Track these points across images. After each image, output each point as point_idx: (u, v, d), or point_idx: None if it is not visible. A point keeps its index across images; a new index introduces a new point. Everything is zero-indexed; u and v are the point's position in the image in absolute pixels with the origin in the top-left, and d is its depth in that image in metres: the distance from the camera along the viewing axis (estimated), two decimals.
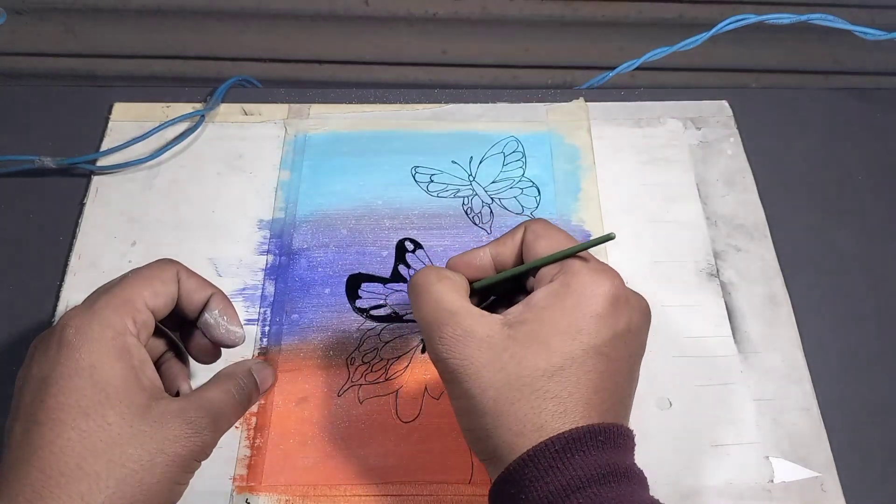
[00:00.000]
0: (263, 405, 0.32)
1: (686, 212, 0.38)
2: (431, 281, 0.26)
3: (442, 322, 0.25)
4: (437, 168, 0.40)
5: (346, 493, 0.30)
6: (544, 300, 0.25)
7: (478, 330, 0.24)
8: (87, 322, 0.26)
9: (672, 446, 0.32)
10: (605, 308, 0.24)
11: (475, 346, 0.24)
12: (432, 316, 0.25)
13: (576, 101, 0.42)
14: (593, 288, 0.24)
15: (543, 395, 0.23)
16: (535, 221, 0.28)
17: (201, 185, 0.39)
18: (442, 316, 0.25)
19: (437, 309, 0.25)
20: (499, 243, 0.28)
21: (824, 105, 0.43)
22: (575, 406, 0.23)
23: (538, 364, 0.23)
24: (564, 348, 0.24)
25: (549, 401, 0.23)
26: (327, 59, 0.56)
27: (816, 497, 0.31)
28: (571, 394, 0.23)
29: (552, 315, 0.24)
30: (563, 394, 0.23)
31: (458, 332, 0.24)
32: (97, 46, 0.54)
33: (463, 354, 0.24)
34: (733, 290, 0.36)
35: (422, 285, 0.26)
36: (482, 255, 0.28)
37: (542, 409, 0.23)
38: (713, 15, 0.51)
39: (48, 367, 0.25)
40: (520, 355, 0.24)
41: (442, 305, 0.25)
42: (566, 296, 0.24)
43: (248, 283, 0.36)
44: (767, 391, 0.33)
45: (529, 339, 0.24)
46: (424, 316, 0.26)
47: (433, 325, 0.25)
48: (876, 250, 0.38)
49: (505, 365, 0.24)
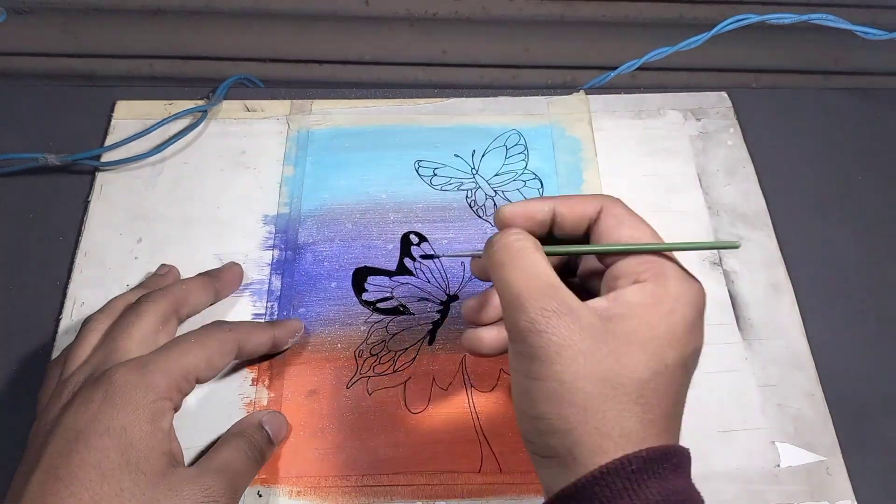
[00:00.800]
0: (273, 398, 0.32)
1: (688, 202, 0.39)
2: (529, 247, 0.24)
3: (544, 292, 0.23)
4: (440, 162, 0.40)
5: (357, 484, 0.30)
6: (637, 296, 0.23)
7: (582, 313, 0.22)
8: (135, 385, 0.26)
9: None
10: (696, 319, 0.23)
11: (577, 328, 0.22)
12: (531, 284, 0.23)
13: (576, 94, 0.43)
14: (690, 296, 0.23)
15: (636, 400, 0.22)
16: (614, 203, 0.25)
17: (205, 181, 0.39)
18: (543, 286, 0.23)
19: (537, 277, 0.23)
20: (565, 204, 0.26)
21: (824, 105, 0.44)
22: (660, 416, 0.22)
23: (636, 366, 0.22)
24: (661, 353, 0.22)
25: (641, 406, 0.22)
26: (327, 59, 0.56)
27: (822, 481, 0.31)
28: (659, 403, 0.22)
29: (650, 316, 0.23)
30: (653, 401, 0.22)
31: (563, 308, 0.22)
32: (97, 46, 0.54)
33: (563, 333, 0.22)
34: (736, 279, 0.36)
35: (520, 248, 0.24)
36: (546, 209, 0.26)
37: (632, 413, 0.22)
38: (713, 15, 0.52)
39: (84, 422, 0.25)
40: (619, 352, 0.22)
41: (542, 275, 0.23)
42: (663, 298, 0.23)
43: (255, 278, 0.36)
44: (772, 377, 0.33)
45: (629, 337, 0.22)
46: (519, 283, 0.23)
47: (533, 293, 0.23)
48: (876, 238, 0.38)
49: (604, 358, 0.22)
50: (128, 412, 0.25)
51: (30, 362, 0.34)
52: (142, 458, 0.24)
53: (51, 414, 0.26)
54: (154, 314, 0.29)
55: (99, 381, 0.26)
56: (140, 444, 0.25)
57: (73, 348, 0.29)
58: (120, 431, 0.25)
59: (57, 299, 0.35)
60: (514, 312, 0.23)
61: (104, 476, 0.24)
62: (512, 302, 0.23)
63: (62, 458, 0.24)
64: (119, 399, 0.25)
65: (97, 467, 0.24)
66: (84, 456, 0.24)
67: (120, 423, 0.25)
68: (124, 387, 0.25)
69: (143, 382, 0.26)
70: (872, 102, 0.44)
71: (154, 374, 0.26)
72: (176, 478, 0.25)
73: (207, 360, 0.28)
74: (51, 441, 0.25)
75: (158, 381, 0.26)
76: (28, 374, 0.33)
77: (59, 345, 0.34)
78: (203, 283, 0.33)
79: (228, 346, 0.29)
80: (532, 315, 0.23)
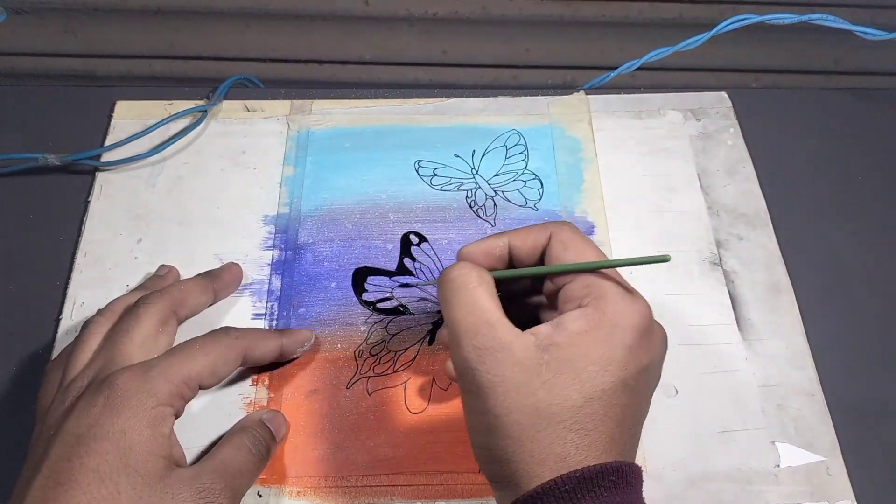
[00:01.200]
0: (273, 398, 0.32)
1: (688, 202, 0.39)
2: (471, 282, 0.25)
3: (479, 330, 0.24)
4: (440, 162, 0.40)
5: (357, 484, 0.30)
6: (576, 323, 0.24)
7: (515, 348, 0.23)
8: (137, 389, 0.26)
9: (679, 433, 0.32)
10: (637, 340, 0.24)
11: (510, 364, 0.23)
12: (468, 321, 0.24)
13: (576, 94, 0.43)
14: (628, 318, 0.24)
15: (570, 427, 0.23)
16: (563, 228, 0.26)
17: (205, 181, 0.39)
18: (479, 324, 0.24)
19: (475, 314, 0.24)
20: (517, 236, 0.27)
21: (824, 105, 0.44)
22: (599, 439, 0.23)
23: (569, 394, 0.23)
24: (596, 379, 0.23)
25: (576, 432, 0.23)
26: (327, 59, 0.56)
27: (822, 481, 0.31)
28: (597, 426, 0.23)
29: (585, 343, 0.23)
30: (589, 425, 0.23)
31: (496, 345, 0.23)
32: (97, 46, 0.54)
33: (496, 370, 0.23)
34: (736, 279, 0.36)
35: (461, 285, 0.25)
36: (501, 244, 0.27)
37: (567, 440, 0.22)
38: (713, 15, 0.52)
39: (85, 426, 0.25)
40: (552, 382, 0.23)
41: (479, 311, 0.24)
42: (600, 323, 0.24)
43: (255, 277, 0.36)
44: (772, 377, 0.33)
45: (562, 367, 0.23)
46: (458, 318, 0.24)
47: (468, 331, 0.24)
48: (876, 238, 0.38)
49: (536, 390, 0.23)
50: (128, 417, 0.25)
51: (30, 362, 0.34)
52: (140, 462, 0.24)
53: (53, 419, 0.26)
54: (153, 316, 0.29)
55: (101, 387, 0.26)
56: (139, 448, 0.25)
57: (73, 352, 0.29)
58: (119, 435, 0.25)
59: (57, 299, 0.35)
60: (454, 350, 0.25)
61: (102, 479, 0.24)
62: (453, 339, 0.25)
63: (63, 462, 0.24)
64: (120, 404, 0.25)
65: (96, 471, 0.24)
66: (84, 460, 0.24)
67: (120, 428, 0.25)
68: (126, 392, 0.26)
69: (144, 388, 0.26)
70: (872, 102, 0.44)
71: (156, 380, 0.26)
72: (173, 480, 0.25)
73: (211, 368, 0.28)
74: (53, 446, 0.25)
75: (160, 387, 0.26)
76: (28, 374, 0.33)
77: (59, 345, 0.34)
78: (202, 284, 0.33)
79: (233, 354, 0.29)
80: (465, 353, 0.24)
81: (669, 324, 0.34)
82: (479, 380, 0.23)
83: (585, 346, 0.23)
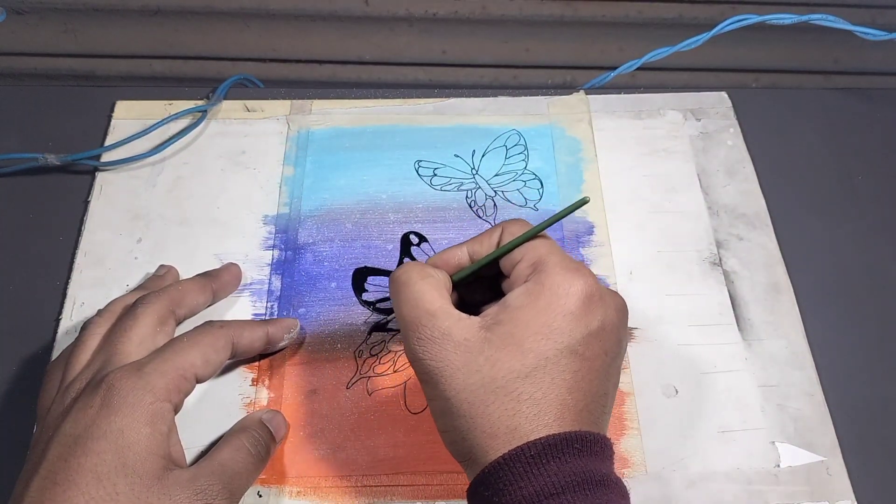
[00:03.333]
0: (273, 398, 0.32)
1: (688, 202, 0.39)
2: (413, 279, 0.26)
3: (420, 322, 0.25)
4: (439, 162, 0.40)
5: (357, 484, 0.30)
6: (518, 300, 0.25)
7: (455, 332, 0.24)
8: (132, 386, 0.26)
9: (679, 433, 0.32)
10: (578, 306, 0.24)
11: (452, 348, 0.24)
12: (412, 315, 0.25)
13: (576, 94, 0.43)
14: (566, 286, 0.24)
15: (518, 398, 0.23)
16: (513, 222, 0.28)
17: (205, 181, 0.39)
18: (421, 316, 0.25)
19: (417, 308, 0.25)
20: (475, 241, 0.28)
21: (824, 105, 0.44)
22: (549, 407, 0.23)
23: (512, 365, 0.23)
24: (538, 348, 0.23)
25: (524, 402, 0.23)
26: (327, 59, 0.57)
27: (822, 481, 0.31)
28: (546, 395, 0.23)
29: (525, 315, 0.24)
30: (537, 395, 0.23)
31: (436, 333, 0.24)
32: (97, 46, 0.54)
33: (439, 356, 0.24)
34: (736, 279, 0.36)
35: (403, 282, 0.26)
36: (460, 253, 0.28)
37: (516, 411, 0.23)
38: (713, 15, 0.52)
39: (83, 427, 0.25)
40: (494, 357, 0.24)
41: (422, 305, 0.25)
42: (539, 295, 0.24)
43: (255, 278, 0.36)
44: (772, 377, 0.33)
45: (504, 341, 0.24)
46: (404, 314, 0.26)
47: (412, 324, 0.25)
48: (876, 238, 0.38)
49: (480, 367, 0.24)
50: (125, 415, 0.25)
51: (30, 363, 0.34)
52: (138, 461, 0.24)
53: (52, 420, 0.26)
54: (151, 316, 0.29)
55: (98, 386, 0.26)
56: (137, 447, 0.25)
57: (72, 353, 0.29)
58: (117, 434, 0.25)
59: (57, 299, 0.35)
60: (405, 345, 0.26)
61: (100, 479, 0.24)
62: (402, 330, 0.26)
63: (61, 462, 0.24)
64: (117, 402, 0.25)
65: (93, 471, 0.24)
66: (81, 460, 0.24)
67: (117, 427, 0.25)
68: (122, 390, 0.25)
69: (140, 385, 0.26)
70: (872, 102, 0.44)
71: (151, 376, 0.26)
72: (170, 481, 0.25)
73: (203, 358, 0.28)
74: (51, 447, 0.25)
75: (156, 383, 0.26)
76: (28, 374, 0.33)
77: (59, 345, 0.34)
78: (200, 284, 0.33)
79: (222, 342, 0.29)
80: (412, 345, 0.25)
81: (669, 323, 0.35)
82: (427, 368, 0.24)
83: (526, 318, 0.24)
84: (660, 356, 0.34)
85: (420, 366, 0.25)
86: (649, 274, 0.36)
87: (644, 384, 0.33)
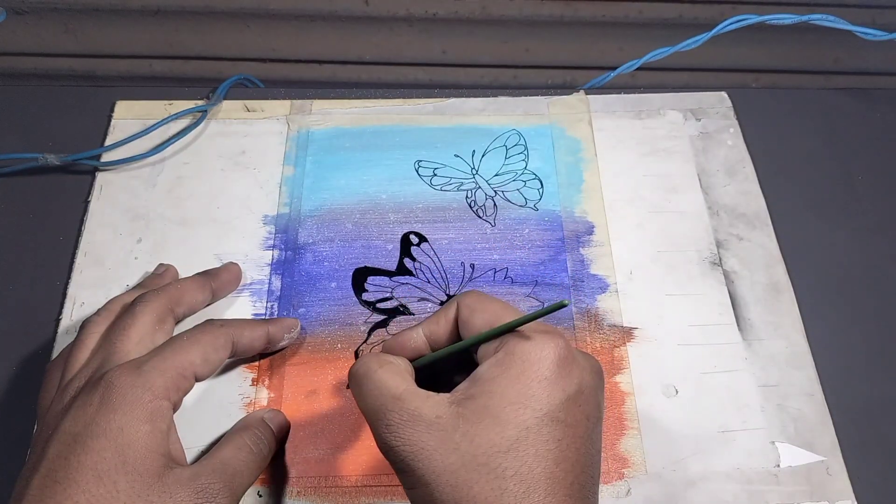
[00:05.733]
0: (273, 398, 0.32)
1: (688, 202, 0.39)
2: (372, 368, 0.25)
3: (386, 408, 0.24)
4: (439, 162, 0.40)
5: (357, 485, 0.30)
6: (489, 372, 0.24)
7: (425, 412, 0.23)
8: (131, 384, 0.26)
9: (679, 433, 0.32)
10: (553, 371, 0.23)
11: (423, 428, 0.23)
12: (376, 403, 0.24)
13: (576, 94, 0.43)
14: (537, 351, 0.23)
15: (502, 475, 0.22)
16: (468, 295, 0.27)
17: (205, 181, 0.39)
18: (386, 402, 0.24)
19: (381, 395, 0.24)
20: (431, 322, 0.27)
21: (824, 105, 0.44)
22: (537, 483, 0.22)
23: (492, 439, 0.22)
24: (516, 418, 0.22)
25: (509, 479, 0.22)
26: (327, 59, 0.57)
27: (822, 481, 0.31)
28: (532, 469, 0.22)
29: (499, 386, 0.23)
30: (522, 470, 0.22)
31: (405, 416, 0.23)
32: (97, 46, 0.54)
33: (412, 440, 0.23)
34: (736, 279, 0.36)
35: (363, 374, 0.25)
36: (415, 335, 0.27)
37: (502, 489, 0.21)
38: (713, 15, 0.52)
39: (82, 425, 0.25)
40: (471, 433, 0.22)
41: (385, 391, 0.24)
42: (511, 364, 0.23)
43: (255, 278, 0.36)
44: (772, 377, 0.33)
45: (479, 415, 0.23)
46: (369, 405, 0.24)
47: (378, 412, 0.24)
48: (876, 238, 0.39)
49: (458, 445, 0.22)
50: (125, 413, 0.25)
51: (30, 362, 0.34)
52: (138, 459, 0.24)
53: (52, 418, 0.26)
54: (149, 314, 0.29)
55: (96, 385, 0.26)
56: (137, 445, 0.25)
57: (71, 352, 0.29)
58: (117, 432, 0.25)
59: (57, 299, 0.35)
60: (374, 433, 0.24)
61: (100, 478, 0.24)
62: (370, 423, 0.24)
63: (61, 461, 0.24)
64: (116, 400, 0.25)
65: (94, 469, 0.24)
66: (81, 458, 0.24)
67: (117, 425, 0.25)
68: (121, 388, 0.25)
69: (139, 383, 0.26)
70: (872, 102, 0.44)
71: (150, 374, 0.26)
72: (171, 479, 0.25)
73: (202, 356, 0.28)
74: (50, 445, 0.25)
75: (155, 381, 0.26)
76: (28, 374, 0.33)
77: (59, 345, 0.34)
78: (199, 282, 0.33)
79: (221, 341, 0.29)
80: (381, 434, 0.24)
81: (669, 323, 0.35)
82: (401, 455, 0.23)
83: (500, 388, 0.23)
84: (660, 356, 0.34)
85: (394, 455, 0.23)
86: (649, 274, 0.36)
87: (644, 384, 0.33)
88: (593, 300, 0.35)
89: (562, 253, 0.37)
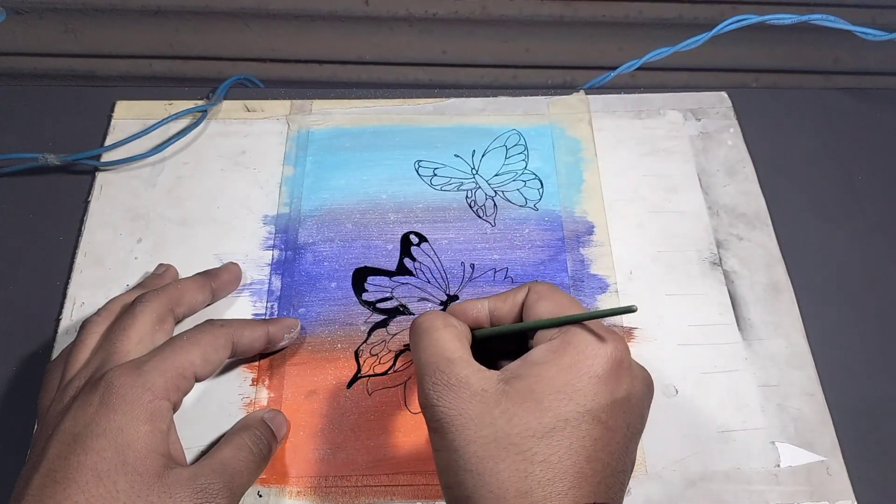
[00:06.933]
0: (273, 398, 0.32)
1: (688, 202, 0.39)
2: (436, 325, 0.26)
3: (438, 368, 0.24)
4: (440, 162, 0.40)
5: (357, 484, 0.30)
6: (542, 356, 0.24)
7: (473, 382, 0.23)
8: (131, 384, 0.26)
9: (679, 433, 0.32)
10: (606, 371, 0.23)
11: (467, 397, 0.23)
12: (430, 360, 0.25)
13: (576, 94, 0.43)
14: (595, 348, 0.23)
15: (531, 458, 0.22)
16: (540, 283, 0.27)
17: (205, 181, 0.39)
18: (439, 362, 0.24)
19: (437, 354, 0.25)
20: (499, 298, 0.27)
21: (824, 105, 0.44)
22: (564, 474, 0.21)
23: (528, 422, 0.22)
24: (558, 408, 0.22)
25: (538, 465, 0.22)
26: (327, 59, 0.57)
27: (822, 480, 0.31)
28: (562, 459, 0.22)
29: (548, 372, 0.23)
30: (552, 458, 0.22)
31: (453, 380, 0.24)
32: (97, 46, 0.54)
33: (452, 404, 0.23)
34: (736, 279, 0.36)
35: (426, 329, 0.26)
36: (480, 307, 0.27)
37: (527, 472, 0.21)
38: (713, 15, 0.52)
39: (82, 424, 0.25)
40: (511, 412, 0.22)
41: (442, 351, 0.25)
42: (565, 353, 0.23)
43: (255, 278, 0.36)
44: (772, 377, 0.33)
45: (522, 396, 0.23)
46: (423, 359, 0.25)
47: (429, 369, 0.24)
48: (876, 238, 0.39)
49: (494, 420, 0.22)
50: (124, 413, 0.25)
51: (30, 362, 0.34)
52: (138, 459, 0.24)
53: (52, 418, 0.26)
54: (149, 314, 0.29)
55: (96, 385, 0.26)
56: (137, 445, 0.25)
57: (71, 352, 0.29)
58: (116, 432, 0.25)
59: (57, 299, 0.35)
60: (419, 390, 0.25)
61: (100, 478, 0.24)
62: (418, 375, 0.25)
63: (61, 460, 0.24)
64: (116, 401, 0.25)
65: (93, 469, 0.24)
66: (81, 458, 0.24)
67: (117, 425, 0.25)
68: (121, 388, 0.25)
69: (139, 383, 0.26)
70: (872, 102, 0.44)
71: (150, 374, 0.26)
72: (171, 479, 0.25)
73: (202, 356, 0.28)
74: (50, 445, 0.25)
75: (155, 381, 0.26)
76: (28, 374, 0.33)
77: (59, 345, 0.34)
78: (199, 282, 0.33)
79: (221, 341, 0.29)
80: (426, 390, 0.24)
81: (669, 323, 0.35)
82: (438, 415, 0.23)
83: (548, 374, 0.23)
84: (660, 356, 0.34)
85: (432, 412, 0.24)
86: (649, 274, 0.36)
87: None
88: (593, 300, 0.35)
89: (562, 253, 0.37)
